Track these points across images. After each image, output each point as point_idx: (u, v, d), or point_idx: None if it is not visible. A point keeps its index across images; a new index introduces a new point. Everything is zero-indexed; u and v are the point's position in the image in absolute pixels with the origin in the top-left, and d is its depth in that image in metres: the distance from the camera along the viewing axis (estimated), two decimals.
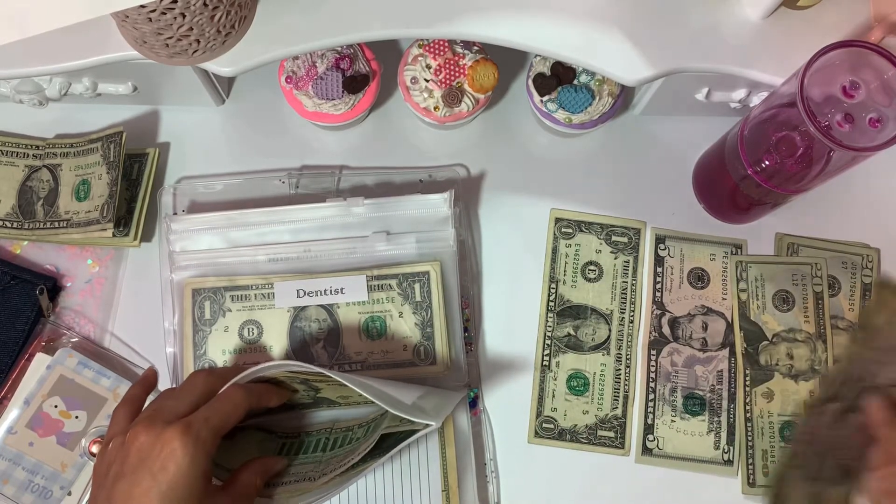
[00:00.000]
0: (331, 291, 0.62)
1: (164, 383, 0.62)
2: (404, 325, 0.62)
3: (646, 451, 0.63)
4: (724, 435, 0.64)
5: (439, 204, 0.63)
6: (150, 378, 0.58)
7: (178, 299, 0.62)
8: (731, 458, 0.63)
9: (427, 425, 0.51)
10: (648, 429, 0.64)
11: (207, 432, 0.48)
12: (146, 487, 0.46)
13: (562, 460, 0.63)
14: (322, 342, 0.61)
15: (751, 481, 0.62)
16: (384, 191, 0.67)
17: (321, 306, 0.62)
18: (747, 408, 0.63)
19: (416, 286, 0.62)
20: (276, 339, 0.61)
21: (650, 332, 0.65)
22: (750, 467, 0.63)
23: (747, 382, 0.64)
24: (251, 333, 0.62)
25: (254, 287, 0.62)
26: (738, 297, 0.65)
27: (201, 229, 0.63)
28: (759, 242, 0.68)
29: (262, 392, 0.53)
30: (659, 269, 0.67)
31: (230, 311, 0.62)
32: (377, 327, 0.62)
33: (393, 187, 0.67)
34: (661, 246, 0.67)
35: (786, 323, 0.65)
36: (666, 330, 0.65)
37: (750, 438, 0.63)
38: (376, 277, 0.62)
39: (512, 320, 0.66)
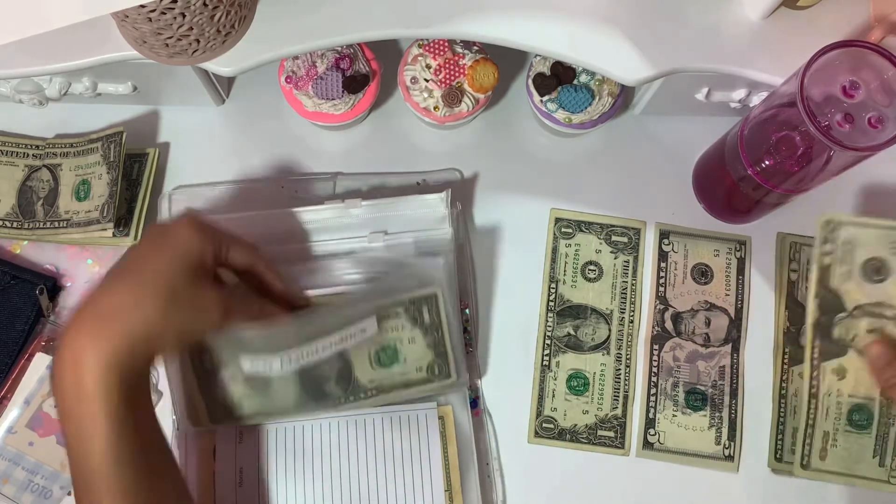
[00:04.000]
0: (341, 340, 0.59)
1: (162, 385, 0.62)
2: (417, 348, 0.60)
3: (647, 445, 0.63)
4: (725, 430, 0.64)
5: (436, 203, 0.63)
6: None
7: None
8: (731, 454, 0.63)
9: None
10: (650, 423, 0.64)
11: (214, 230, 0.51)
12: (155, 256, 0.48)
13: (562, 460, 0.63)
14: (333, 380, 0.59)
15: (778, 457, 0.62)
16: (381, 194, 0.67)
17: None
18: (783, 385, 0.62)
19: (424, 308, 0.60)
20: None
21: (653, 327, 0.65)
22: (779, 443, 0.62)
23: (785, 361, 0.63)
24: None
25: None
26: (788, 277, 0.64)
27: None
28: (762, 240, 0.68)
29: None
30: (662, 265, 0.67)
31: None
32: (388, 355, 0.59)
33: (389, 190, 0.67)
34: (665, 241, 0.67)
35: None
36: (669, 325, 0.66)
37: (782, 415, 0.62)
38: (382, 307, 0.59)
39: (512, 320, 0.66)
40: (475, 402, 0.63)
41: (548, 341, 0.65)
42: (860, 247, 0.56)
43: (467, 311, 0.65)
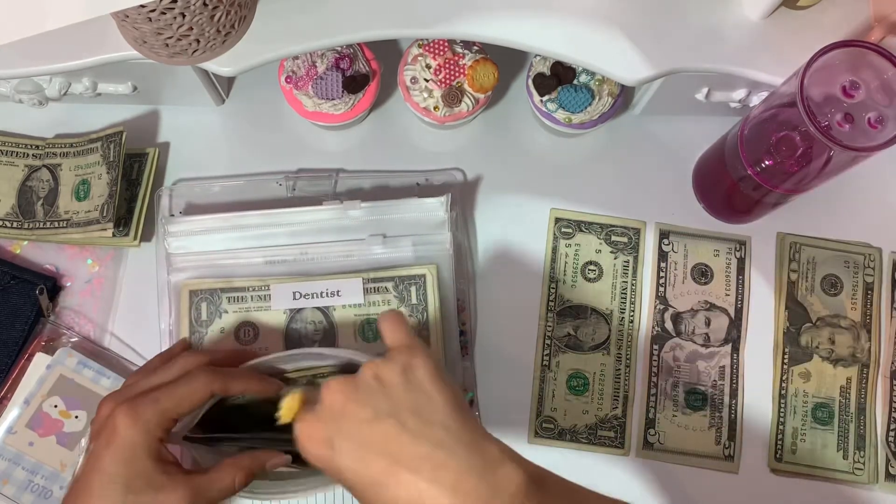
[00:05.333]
0: (327, 294, 0.62)
1: None
2: None
3: (647, 445, 0.63)
4: (725, 430, 0.64)
5: (436, 207, 0.63)
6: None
7: (174, 300, 0.62)
8: (731, 454, 0.63)
9: None
10: (650, 423, 0.64)
11: (153, 414, 0.47)
12: (95, 460, 0.46)
13: (562, 460, 0.63)
14: (318, 344, 0.61)
15: (778, 457, 0.63)
16: (381, 194, 0.67)
17: (317, 308, 0.62)
18: (783, 385, 0.64)
19: (413, 289, 0.62)
20: (272, 341, 0.61)
21: (653, 327, 0.66)
22: (779, 443, 0.63)
23: (785, 360, 0.65)
24: (247, 335, 0.62)
25: (250, 289, 0.62)
26: (788, 277, 0.66)
27: (198, 231, 0.63)
28: (762, 240, 0.68)
29: (233, 377, 0.51)
30: (662, 265, 0.67)
31: (226, 312, 0.62)
32: (373, 330, 0.62)
33: (390, 190, 0.67)
34: (665, 241, 0.67)
35: (832, 308, 0.66)
36: (669, 325, 0.66)
37: (782, 415, 0.64)
38: (372, 280, 0.62)
39: (512, 320, 0.65)
40: (470, 404, 0.63)
41: (548, 341, 0.65)
42: (819, 265, 0.67)
43: (463, 314, 0.64)
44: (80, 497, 0.46)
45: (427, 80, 0.65)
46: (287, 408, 0.48)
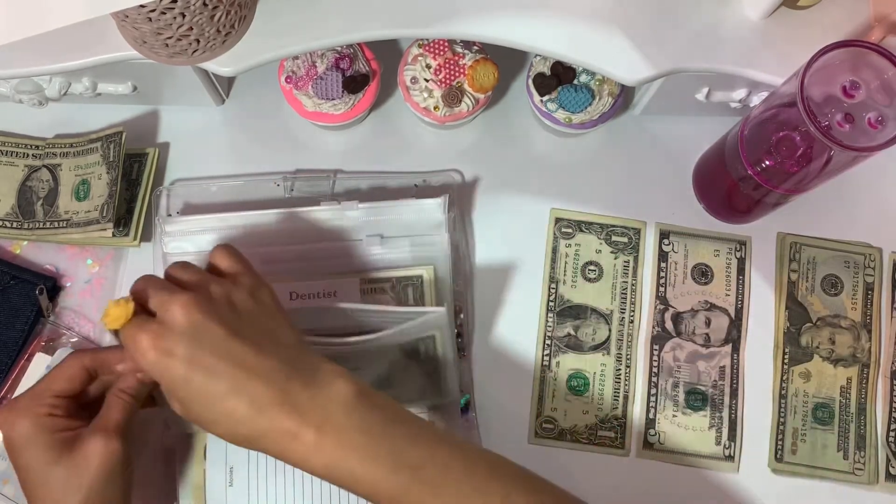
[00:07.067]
0: (323, 295, 0.61)
1: None
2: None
3: (647, 445, 0.63)
4: (725, 430, 0.64)
5: (434, 209, 0.63)
6: None
7: None
8: (731, 454, 0.63)
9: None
10: (650, 423, 0.64)
11: (27, 401, 0.48)
12: (16, 468, 0.48)
13: (562, 460, 0.63)
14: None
15: (778, 457, 0.63)
16: (379, 195, 0.67)
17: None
18: (783, 385, 0.64)
19: (410, 290, 0.62)
20: None
21: (653, 327, 0.65)
22: (779, 443, 0.63)
23: (785, 360, 0.65)
24: None
25: None
26: (788, 277, 0.66)
27: (195, 231, 0.63)
28: (762, 240, 0.68)
29: (105, 350, 0.51)
30: (663, 265, 0.67)
31: None
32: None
33: (388, 191, 0.67)
34: (665, 241, 0.67)
35: (832, 308, 0.66)
36: (669, 325, 0.66)
37: (782, 415, 0.64)
38: (369, 281, 0.62)
39: (512, 320, 0.65)
40: (466, 408, 0.63)
41: (548, 341, 0.65)
42: (819, 265, 0.67)
43: (462, 315, 0.64)
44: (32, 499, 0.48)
45: (427, 80, 0.65)
46: (114, 316, 0.46)
